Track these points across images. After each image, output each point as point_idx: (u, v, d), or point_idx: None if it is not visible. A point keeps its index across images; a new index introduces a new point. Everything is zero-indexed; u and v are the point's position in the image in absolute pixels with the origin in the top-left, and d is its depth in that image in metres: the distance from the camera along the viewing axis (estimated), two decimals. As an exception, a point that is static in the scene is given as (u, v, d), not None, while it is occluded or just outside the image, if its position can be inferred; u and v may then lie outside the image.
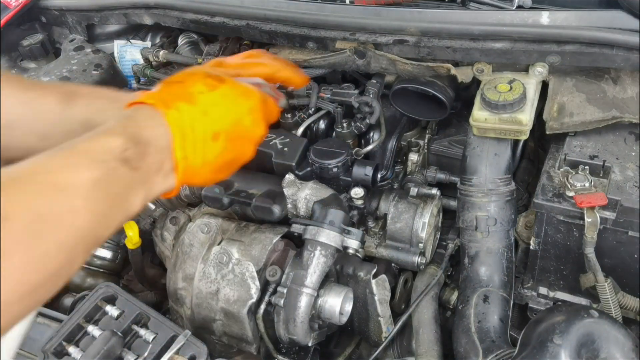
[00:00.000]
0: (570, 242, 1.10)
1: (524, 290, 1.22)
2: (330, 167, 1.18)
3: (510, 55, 1.12)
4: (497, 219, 1.16)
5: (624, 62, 1.07)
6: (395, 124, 1.35)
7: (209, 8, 1.37)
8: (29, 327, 1.02)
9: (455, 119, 1.42)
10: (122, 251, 1.44)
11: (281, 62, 1.16)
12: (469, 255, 1.19)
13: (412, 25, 1.16)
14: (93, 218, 0.64)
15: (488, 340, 1.08)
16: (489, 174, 1.17)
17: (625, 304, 1.08)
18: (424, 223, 1.19)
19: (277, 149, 1.23)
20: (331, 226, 1.10)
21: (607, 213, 1.01)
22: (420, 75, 1.21)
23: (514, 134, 1.10)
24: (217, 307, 1.11)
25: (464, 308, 1.15)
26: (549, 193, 1.06)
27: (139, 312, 1.02)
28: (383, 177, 1.32)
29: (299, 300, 1.06)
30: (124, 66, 1.62)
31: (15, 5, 1.58)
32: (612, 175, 1.05)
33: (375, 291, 1.15)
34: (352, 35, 1.21)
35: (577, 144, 1.12)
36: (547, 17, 1.11)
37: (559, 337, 0.89)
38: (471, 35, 1.13)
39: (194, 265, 1.15)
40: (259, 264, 1.10)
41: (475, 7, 1.22)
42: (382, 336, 1.20)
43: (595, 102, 1.11)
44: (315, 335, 1.12)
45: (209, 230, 1.18)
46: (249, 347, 1.14)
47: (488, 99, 1.09)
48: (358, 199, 1.20)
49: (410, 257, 1.22)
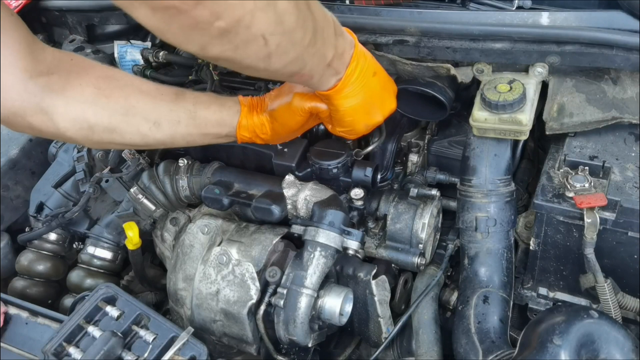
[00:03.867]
0: (570, 243, 1.10)
1: (523, 291, 1.22)
2: (330, 167, 1.18)
3: (510, 56, 1.12)
4: (497, 220, 1.16)
5: (624, 63, 1.06)
6: (395, 124, 1.35)
7: (209, 8, 1.37)
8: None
9: (455, 119, 1.42)
10: (122, 252, 1.44)
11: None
12: (469, 255, 1.19)
13: (412, 26, 1.16)
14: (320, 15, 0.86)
15: (488, 341, 1.08)
16: (489, 174, 1.17)
17: (625, 305, 1.08)
18: (423, 224, 1.19)
19: (277, 150, 1.23)
20: (331, 227, 1.10)
21: (606, 214, 1.01)
22: (420, 75, 1.21)
23: (513, 134, 1.10)
24: (217, 308, 1.11)
25: (464, 309, 1.15)
26: (549, 194, 1.06)
27: (139, 312, 1.02)
28: (383, 177, 1.32)
29: (299, 301, 1.06)
30: (124, 67, 1.62)
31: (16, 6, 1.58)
32: (612, 175, 1.05)
33: (375, 292, 1.15)
34: (352, 35, 1.21)
35: (576, 145, 1.12)
36: (547, 18, 1.11)
37: (559, 337, 0.89)
38: (471, 36, 1.13)
39: (194, 266, 1.15)
40: (259, 264, 1.10)
41: (475, 7, 1.22)
42: (382, 337, 1.20)
43: (595, 102, 1.11)
44: (315, 335, 1.12)
45: (209, 231, 1.18)
46: (249, 347, 1.14)
47: (488, 99, 1.09)
48: (358, 200, 1.20)
49: (410, 258, 1.22)
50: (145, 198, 1.32)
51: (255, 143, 1.18)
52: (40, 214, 1.47)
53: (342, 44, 0.96)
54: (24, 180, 1.58)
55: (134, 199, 1.32)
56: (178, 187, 1.31)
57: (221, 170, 1.29)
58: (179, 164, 1.32)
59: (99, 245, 1.42)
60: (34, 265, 1.43)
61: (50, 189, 1.48)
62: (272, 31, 0.76)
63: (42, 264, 1.44)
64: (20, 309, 1.15)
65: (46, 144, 1.58)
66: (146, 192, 1.32)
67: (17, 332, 1.12)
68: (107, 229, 1.43)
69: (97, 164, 1.47)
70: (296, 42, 0.82)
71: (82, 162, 1.45)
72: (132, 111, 1.05)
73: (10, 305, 1.15)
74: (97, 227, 1.44)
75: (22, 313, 1.14)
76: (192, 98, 1.11)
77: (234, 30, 0.71)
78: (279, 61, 0.83)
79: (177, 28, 0.70)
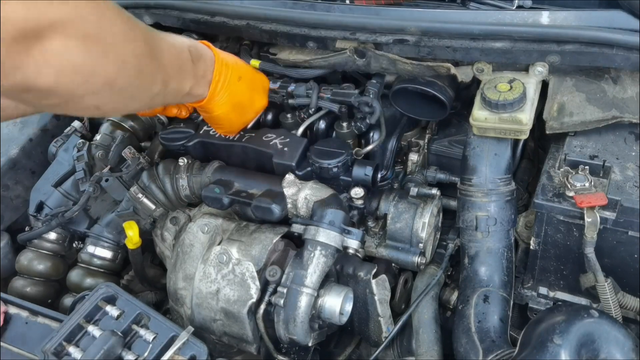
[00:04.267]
0: (570, 242, 1.10)
1: (524, 290, 1.22)
2: (330, 167, 1.18)
3: (510, 55, 1.12)
4: (497, 219, 1.16)
5: (624, 62, 1.06)
6: (395, 124, 1.35)
7: (209, 8, 1.37)
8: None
9: (455, 119, 1.42)
10: (122, 251, 1.44)
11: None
12: (469, 255, 1.19)
13: (412, 25, 1.16)
14: (167, 60, 0.91)
15: (488, 340, 1.08)
16: (489, 173, 1.17)
17: (625, 304, 1.08)
18: (424, 223, 1.19)
19: (277, 149, 1.23)
20: (331, 226, 1.10)
21: (607, 213, 1.01)
22: (421, 75, 1.21)
23: (514, 134, 1.10)
24: (217, 307, 1.11)
25: (464, 308, 1.15)
26: (549, 193, 1.06)
27: (139, 312, 1.02)
28: (383, 177, 1.32)
29: (299, 300, 1.06)
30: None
31: (15, 5, 1.58)
32: (612, 175, 1.05)
33: (375, 291, 1.15)
34: (352, 34, 1.21)
35: (577, 144, 1.12)
36: (547, 17, 1.11)
37: (559, 337, 0.89)
38: (471, 35, 1.13)
39: (194, 265, 1.15)
40: (259, 263, 1.10)
41: (475, 6, 1.21)
42: (382, 336, 1.20)
43: (595, 101, 1.11)
44: (316, 335, 1.12)
45: (209, 230, 1.18)
46: (249, 347, 1.14)
47: (488, 98, 1.09)
48: (358, 199, 1.20)
49: (410, 257, 1.22)
50: (145, 197, 1.32)
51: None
52: (40, 213, 1.47)
53: (202, 67, 1.04)
54: (24, 180, 1.58)
55: (134, 198, 1.32)
56: (178, 186, 1.31)
57: (221, 170, 1.29)
58: (179, 163, 1.32)
59: (99, 244, 1.42)
60: (34, 265, 1.43)
61: (50, 188, 1.48)
62: (106, 102, 0.81)
63: (42, 264, 1.44)
64: (20, 309, 1.15)
65: (46, 144, 1.58)
66: (146, 191, 1.32)
67: (17, 332, 1.12)
68: (107, 228, 1.42)
69: (97, 163, 1.47)
70: (140, 98, 0.89)
71: (82, 161, 1.45)
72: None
73: (10, 304, 1.15)
74: (97, 226, 1.43)
75: (22, 312, 1.14)
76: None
77: (65, 106, 0.77)
78: (126, 111, 0.98)
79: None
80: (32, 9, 0.64)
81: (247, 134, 1.27)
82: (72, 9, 0.68)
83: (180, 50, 0.97)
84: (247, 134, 1.27)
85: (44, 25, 0.65)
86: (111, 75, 0.77)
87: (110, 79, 0.77)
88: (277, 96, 1.28)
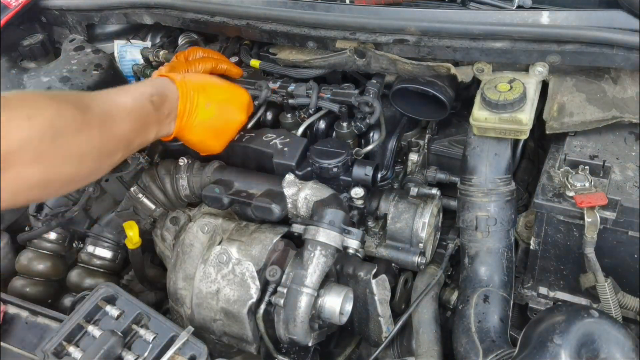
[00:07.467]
0: (570, 242, 1.10)
1: (524, 290, 1.22)
2: (330, 167, 1.17)
3: (511, 55, 1.12)
4: (497, 219, 1.16)
5: (624, 62, 1.06)
6: (395, 124, 1.35)
7: (209, 8, 1.37)
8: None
9: (455, 119, 1.42)
10: (122, 251, 1.44)
11: (218, 55, 1.37)
12: (469, 255, 1.19)
13: (412, 25, 1.16)
14: (126, 129, 0.94)
15: (488, 340, 1.08)
16: (489, 173, 1.17)
17: (625, 304, 1.08)
18: (424, 223, 1.19)
19: (277, 149, 1.23)
20: (331, 226, 1.10)
21: (607, 213, 1.01)
22: (421, 74, 1.21)
23: (514, 134, 1.10)
24: (217, 307, 1.11)
25: (464, 308, 1.15)
26: (549, 193, 1.06)
27: (139, 312, 1.02)
28: (383, 177, 1.32)
29: (299, 300, 1.06)
30: (124, 66, 1.62)
31: (15, 5, 1.58)
32: (612, 175, 1.05)
33: (375, 291, 1.15)
34: (352, 34, 1.21)
35: (577, 144, 1.12)
36: (547, 17, 1.11)
37: (559, 337, 0.89)
38: (471, 35, 1.13)
39: (194, 265, 1.15)
40: (259, 263, 1.10)
41: (475, 6, 1.22)
42: (382, 336, 1.20)
43: (595, 102, 1.11)
44: (315, 335, 1.12)
45: (209, 230, 1.18)
46: (249, 347, 1.14)
47: (488, 98, 1.09)
48: (358, 199, 1.19)
49: (410, 257, 1.22)
50: (145, 197, 1.32)
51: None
52: (40, 213, 1.46)
53: (166, 108, 1.05)
54: (24, 180, 1.58)
55: (134, 198, 1.32)
56: (178, 186, 1.31)
57: (221, 170, 1.29)
58: (179, 163, 1.32)
59: (99, 244, 1.42)
60: (34, 265, 1.43)
61: (50, 188, 1.48)
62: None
63: (42, 264, 1.44)
64: (20, 309, 1.15)
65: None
66: (146, 191, 1.32)
67: (17, 332, 1.12)
68: (107, 228, 1.42)
69: (97, 163, 1.46)
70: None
71: (82, 161, 1.45)
72: None
73: (10, 304, 1.15)
74: (97, 226, 1.43)
75: (22, 312, 1.14)
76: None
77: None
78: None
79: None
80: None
81: (247, 134, 1.27)
82: (27, 132, 0.72)
83: (140, 107, 0.98)
84: (247, 134, 1.27)
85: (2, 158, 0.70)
86: (70, 174, 0.81)
87: (70, 177, 0.81)
88: (277, 96, 1.28)
